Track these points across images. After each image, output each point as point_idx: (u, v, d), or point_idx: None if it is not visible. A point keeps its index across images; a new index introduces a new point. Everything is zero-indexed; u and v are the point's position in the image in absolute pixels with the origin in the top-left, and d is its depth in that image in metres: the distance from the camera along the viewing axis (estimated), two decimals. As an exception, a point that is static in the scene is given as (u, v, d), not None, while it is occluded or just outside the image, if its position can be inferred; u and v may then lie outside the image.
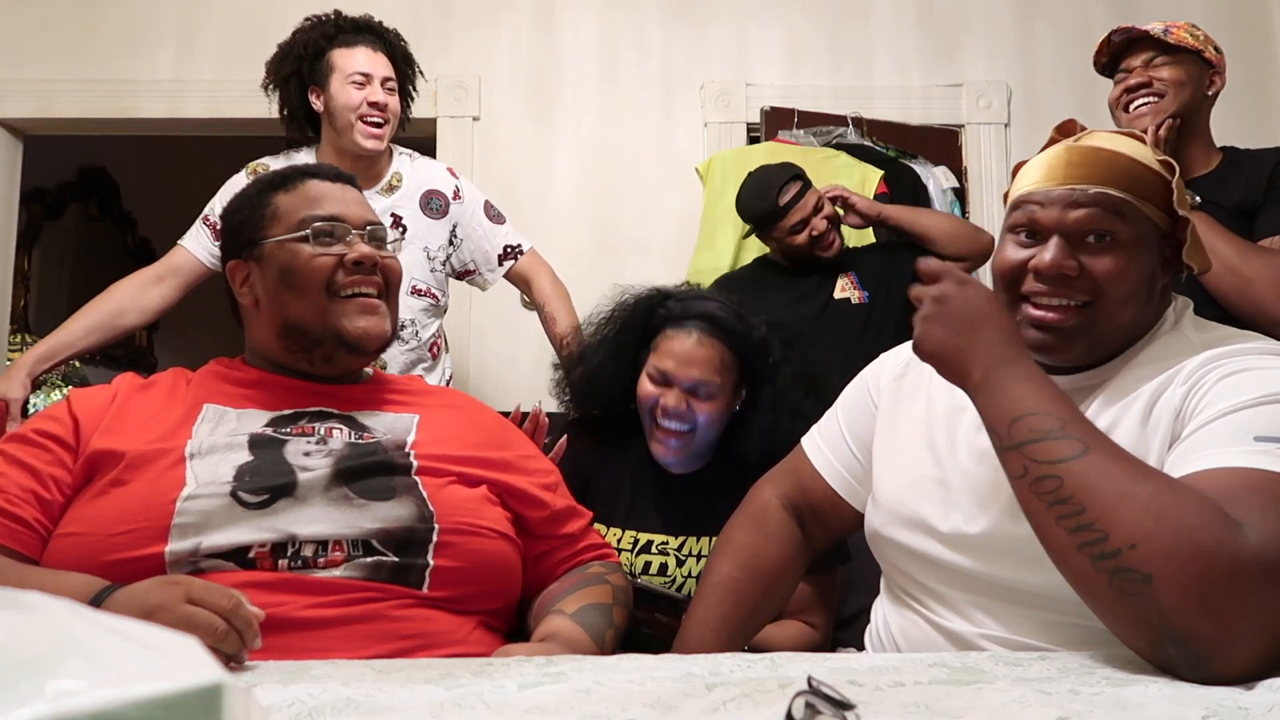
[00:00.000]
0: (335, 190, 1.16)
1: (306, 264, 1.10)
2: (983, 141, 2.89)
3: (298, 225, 1.12)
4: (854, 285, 2.20)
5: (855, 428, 1.18)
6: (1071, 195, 0.93)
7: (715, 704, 0.63)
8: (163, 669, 0.35)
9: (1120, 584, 0.72)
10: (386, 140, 2.00)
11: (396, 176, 2.06)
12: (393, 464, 1.04)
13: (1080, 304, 0.94)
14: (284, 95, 2.06)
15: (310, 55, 2.01)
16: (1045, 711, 0.61)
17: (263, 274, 1.12)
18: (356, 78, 1.96)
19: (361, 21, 2.06)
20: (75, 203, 4.32)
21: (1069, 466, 0.77)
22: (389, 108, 1.98)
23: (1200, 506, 0.72)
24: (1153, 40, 1.77)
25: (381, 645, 0.93)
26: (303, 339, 1.12)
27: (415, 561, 0.98)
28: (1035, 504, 0.79)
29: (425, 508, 1.01)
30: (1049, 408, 0.82)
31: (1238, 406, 0.82)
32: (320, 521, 0.96)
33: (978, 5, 2.98)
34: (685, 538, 1.54)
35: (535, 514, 1.14)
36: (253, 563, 0.93)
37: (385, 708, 0.62)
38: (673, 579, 1.53)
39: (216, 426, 1.04)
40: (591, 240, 2.87)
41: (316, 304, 1.10)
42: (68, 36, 2.93)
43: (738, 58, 2.95)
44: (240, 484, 0.97)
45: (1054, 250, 0.93)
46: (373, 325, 1.13)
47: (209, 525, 0.93)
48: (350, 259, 1.11)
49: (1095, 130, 1.01)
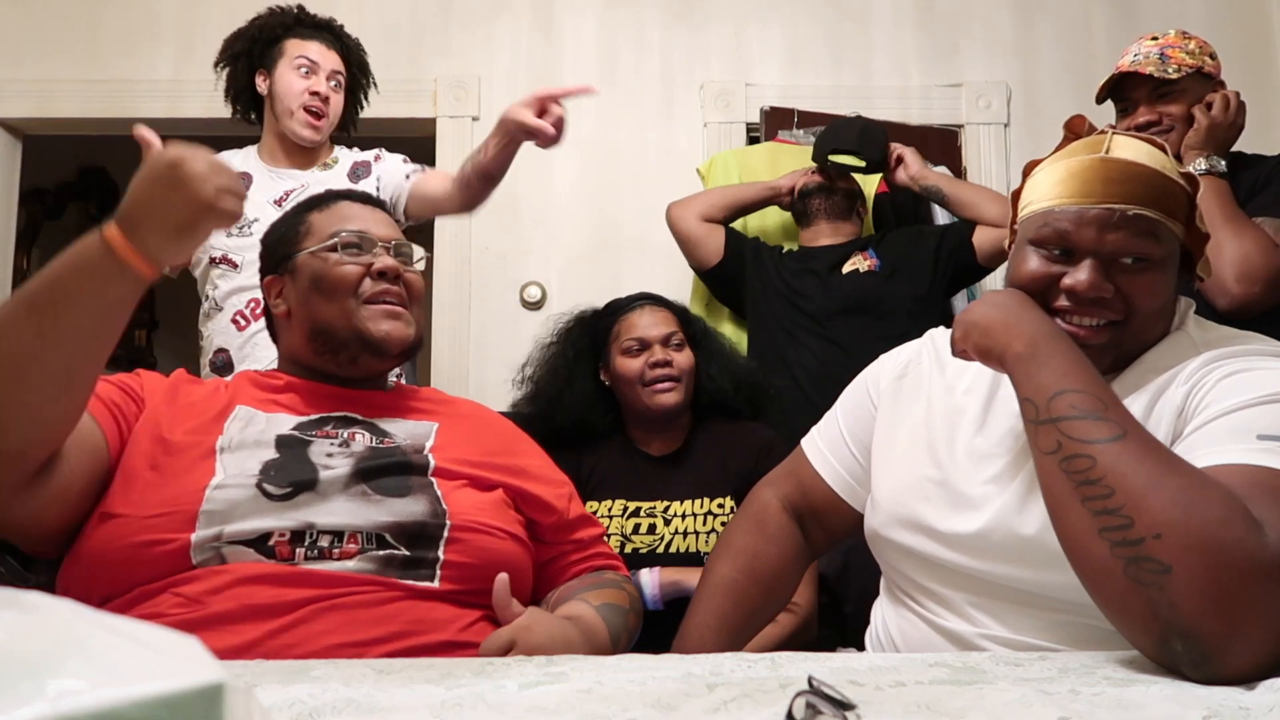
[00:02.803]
0: (365, 211, 1.26)
1: (335, 270, 1.18)
2: (982, 141, 2.89)
3: (329, 237, 1.21)
4: (866, 258, 2.23)
5: (855, 429, 1.18)
6: (1111, 216, 0.91)
7: (716, 704, 0.63)
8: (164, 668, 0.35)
9: (1137, 573, 0.71)
10: (324, 134, 2.03)
11: (333, 159, 2.10)
12: (410, 464, 1.10)
13: (1110, 322, 0.93)
14: (231, 73, 2.09)
15: (264, 40, 2.04)
16: (1046, 711, 0.61)
17: (295, 284, 1.21)
18: (303, 63, 1.99)
19: (323, 20, 2.09)
20: (74, 203, 4.33)
21: (1104, 448, 0.77)
22: (330, 102, 2.01)
23: (1226, 503, 0.72)
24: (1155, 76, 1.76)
25: (380, 628, 0.96)
26: (330, 340, 1.18)
27: (426, 555, 1.03)
28: (1061, 482, 0.78)
29: (439, 505, 1.07)
30: (1092, 388, 0.82)
31: (1239, 406, 0.82)
32: (338, 514, 1.02)
33: (977, 5, 2.98)
34: (670, 502, 1.74)
35: (547, 519, 1.19)
36: (272, 550, 0.98)
37: (386, 708, 0.62)
38: (661, 537, 1.71)
39: (246, 426, 1.10)
40: (591, 240, 2.87)
41: (344, 308, 1.18)
42: (67, 36, 2.93)
43: (737, 58, 2.95)
44: (266, 477, 1.03)
45: (1090, 272, 0.91)
46: (395, 329, 1.19)
47: (234, 514, 0.99)
48: (376, 268, 1.19)
49: (1115, 133, 0.98)
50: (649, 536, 1.71)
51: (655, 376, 1.76)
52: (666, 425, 1.81)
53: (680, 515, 1.72)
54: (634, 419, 1.84)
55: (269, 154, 2.07)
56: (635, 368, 1.78)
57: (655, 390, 1.76)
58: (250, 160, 2.06)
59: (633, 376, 1.78)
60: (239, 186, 0.93)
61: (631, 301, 1.88)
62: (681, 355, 1.80)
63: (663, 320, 1.83)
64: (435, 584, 1.02)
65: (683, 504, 1.73)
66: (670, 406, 1.77)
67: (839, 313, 2.16)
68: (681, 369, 1.78)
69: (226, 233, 1.92)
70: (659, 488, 1.76)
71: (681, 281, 2.57)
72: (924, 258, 2.20)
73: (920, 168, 2.33)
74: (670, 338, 1.80)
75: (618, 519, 1.73)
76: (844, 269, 2.22)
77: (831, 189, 2.33)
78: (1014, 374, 0.88)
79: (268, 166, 2.05)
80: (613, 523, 1.72)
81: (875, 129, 2.38)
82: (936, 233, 2.29)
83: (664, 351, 1.78)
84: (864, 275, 2.20)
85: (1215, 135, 1.73)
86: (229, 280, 1.97)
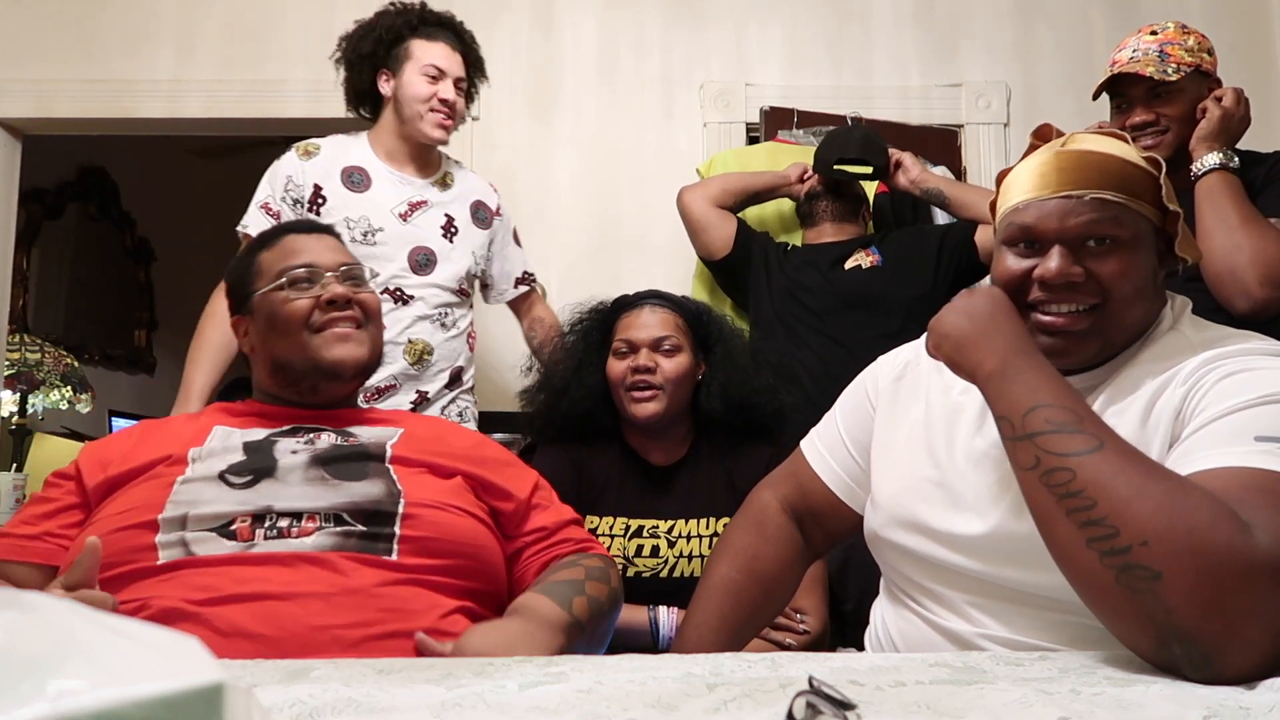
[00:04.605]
0: (310, 241, 1.31)
1: (285, 309, 1.24)
2: (982, 141, 2.89)
3: (277, 276, 1.26)
4: (868, 254, 2.24)
5: (854, 430, 1.18)
6: (1068, 203, 0.93)
7: (716, 704, 0.63)
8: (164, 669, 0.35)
9: (1128, 581, 0.71)
10: (450, 134, 2.07)
11: (449, 176, 2.14)
12: (368, 453, 1.16)
13: (1089, 307, 0.94)
14: (352, 73, 2.10)
15: (390, 39, 2.05)
16: (1046, 711, 0.61)
17: (255, 324, 1.28)
18: (431, 70, 2.01)
19: (445, 17, 2.10)
20: (74, 202, 4.32)
21: (1082, 460, 0.77)
22: (456, 107, 2.04)
23: (1211, 506, 0.72)
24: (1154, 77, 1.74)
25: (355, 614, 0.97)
26: (290, 373, 1.25)
27: (382, 530, 1.06)
28: (1044, 497, 0.79)
29: (394, 487, 1.11)
30: (1065, 401, 0.82)
31: (1238, 407, 0.82)
32: (296, 498, 1.07)
33: (977, 5, 2.98)
34: (674, 521, 1.64)
35: (507, 506, 1.21)
36: (234, 534, 1.03)
37: (386, 708, 0.62)
38: (665, 560, 1.62)
39: (223, 440, 1.17)
40: (591, 240, 2.87)
41: (297, 341, 1.23)
42: (67, 36, 2.93)
43: (737, 58, 2.95)
44: (229, 470, 1.10)
45: (1058, 259, 0.93)
46: (348, 352, 1.24)
47: (199, 501, 1.06)
48: (324, 298, 1.24)
49: (1076, 133, 1.01)
50: (653, 559, 1.62)
51: (633, 383, 1.64)
52: (660, 433, 1.68)
53: (685, 536, 1.63)
54: (626, 425, 1.71)
55: (388, 154, 2.08)
56: (618, 371, 1.66)
57: (633, 399, 1.64)
58: (366, 154, 2.08)
59: (615, 380, 1.67)
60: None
61: (638, 299, 1.76)
62: (670, 362, 1.64)
63: (660, 322, 1.68)
64: (393, 558, 1.04)
65: (687, 523, 1.63)
66: (647, 418, 1.63)
67: (840, 308, 2.16)
68: (666, 377, 1.63)
69: (350, 237, 1.94)
70: (661, 504, 1.65)
71: (682, 281, 2.57)
72: (926, 257, 2.20)
73: (920, 171, 2.33)
74: (662, 342, 1.66)
75: (619, 539, 1.63)
76: (846, 265, 2.22)
77: (838, 193, 2.35)
78: (986, 392, 0.89)
79: (388, 167, 2.07)
80: (614, 543, 1.62)
81: (875, 135, 2.39)
82: (939, 232, 2.29)
83: (649, 357, 1.64)
84: (866, 271, 2.21)
85: (1228, 127, 1.70)
86: None
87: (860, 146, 2.33)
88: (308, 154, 2.05)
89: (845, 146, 2.34)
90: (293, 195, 2.02)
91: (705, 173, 2.65)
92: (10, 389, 3.32)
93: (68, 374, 3.52)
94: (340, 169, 2.03)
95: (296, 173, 2.02)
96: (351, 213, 1.99)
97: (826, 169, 2.33)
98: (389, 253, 1.98)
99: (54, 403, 3.48)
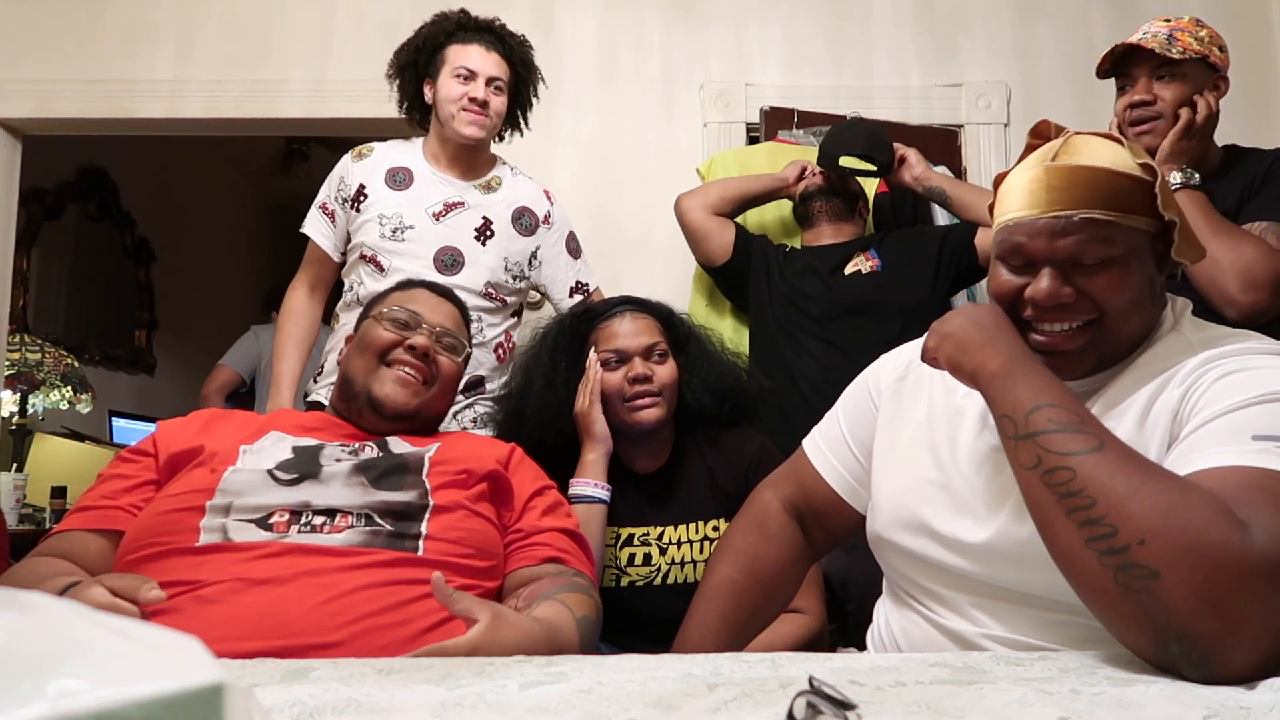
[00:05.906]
0: (433, 300, 1.47)
1: (375, 334, 1.39)
2: (982, 141, 2.89)
3: (387, 309, 1.42)
4: (868, 258, 2.24)
5: (856, 430, 1.18)
6: (1057, 224, 0.92)
7: (716, 704, 0.63)
8: (164, 668, 0.35)
9: (1127, 580, 0.72)
10: (488, 132, 2.07)
11: (496, 179, 2.14)
12: (406, 465, 1.24)
13: (1084, 323, 0.94)
14: (401, 85, 2.15)
15: (429, 49, 2.08)
16: (1047, 711, 0.61)
17: (354, 340, 1.44)
18: (462, 71, 2.03)
19: (483, 21, 2.11)
20: (74, 203, 4.32)
21: (1083, 460, 0.78)
22: (490, 106, 2.04)
23: (1209, 505, 0.72)
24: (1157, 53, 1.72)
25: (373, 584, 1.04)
26: (348, 390, 1.38)
27: (410, 529, 1.14)
28: (1045, 496, 0.79)
29: (426, 495, 1.20)
30: (1066, 403, 0.83)
31: (1235, 406, 0.82)
32: (333, 498, 1.15)
33: (977, 5, 2.98)
34: (664, 527, 1.64)
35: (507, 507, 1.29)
36: (271, 526, 1.11)
37: (386, 708, 0.62)
38: (657, 567, 1.63)
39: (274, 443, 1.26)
40: (591, 240, 2.85)
41: (367, 365, 1.37)
42: (67, 36, 2.93)
43: (737, 58, 2.95)
44: (277, 467, 1.19)
45: (1048, 280, 0.93)
46: (398, 395, 1.35)
47: (245, 492, 1.14)
48: (409, 343, 1.37)
49: (1073, 134, 0.98)
50: (645, 568, 1.62)
51: (635, 393, 1.63)
52: (648, 440, 1.69)
53: (675, 543, 1.63)
54: (615, 435, 1.68)
55: (434, 157, 2.11)
56: (614, 383, 1.65)
57: (635, 407, 1.64)
58: (415, 156, 2.11)
59: (612, 393, 1.65)
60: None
61: (611, 307, 1.74)
62: (664, 369, 1.67)
63: (644, 329, 1.68)
64: (420, 554, 1.12)
65: (676, 529, 1.64)
66: (652, 423, 1.64)
67: (840, 315, 2.15)
68: (663, 383, 1.65)
69: (380, 233, 1.98)
70: (649, 511, 1.66)
71: (682, 280, 2.57)
72: (926, 259, 2.19)
73: (924, 169, 2.33)
74: (652, 349, 1.67)
75: (610, 549, 1.63)
76: (846, 270, 2.22)
77: (833, 191, 2.33)
78: (988, 391, 0.89)
79: (432, 169, 2.09)
80: (606, 554, 1.61)
81: (880, 132, 2.38)
82: (938, 234, 2.28)
83: (645, 365, 1.65)
84: (866, 277, 2.20)
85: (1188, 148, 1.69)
86: (374, 280, 1.98)
87: (866, 142, 2.32)
88: (360, 155, 2.10)
89: (851, 142, 2.33)
90: (342, 194, 2.08)
91: (705, 172, 2.65)
92: (10, 389, 3.32)
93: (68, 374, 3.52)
94: (386, 169, 2.07)
95: (347, 173, 2.08)
96: (386, 209, 2.01)
97: (831, 164, 2.32)
98: (416, 250, 1.99)
99: (54, 403, 3.48)
